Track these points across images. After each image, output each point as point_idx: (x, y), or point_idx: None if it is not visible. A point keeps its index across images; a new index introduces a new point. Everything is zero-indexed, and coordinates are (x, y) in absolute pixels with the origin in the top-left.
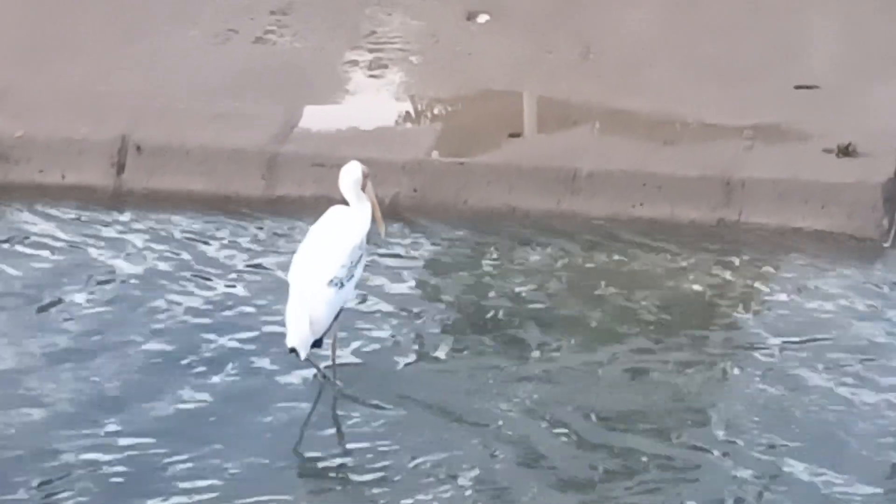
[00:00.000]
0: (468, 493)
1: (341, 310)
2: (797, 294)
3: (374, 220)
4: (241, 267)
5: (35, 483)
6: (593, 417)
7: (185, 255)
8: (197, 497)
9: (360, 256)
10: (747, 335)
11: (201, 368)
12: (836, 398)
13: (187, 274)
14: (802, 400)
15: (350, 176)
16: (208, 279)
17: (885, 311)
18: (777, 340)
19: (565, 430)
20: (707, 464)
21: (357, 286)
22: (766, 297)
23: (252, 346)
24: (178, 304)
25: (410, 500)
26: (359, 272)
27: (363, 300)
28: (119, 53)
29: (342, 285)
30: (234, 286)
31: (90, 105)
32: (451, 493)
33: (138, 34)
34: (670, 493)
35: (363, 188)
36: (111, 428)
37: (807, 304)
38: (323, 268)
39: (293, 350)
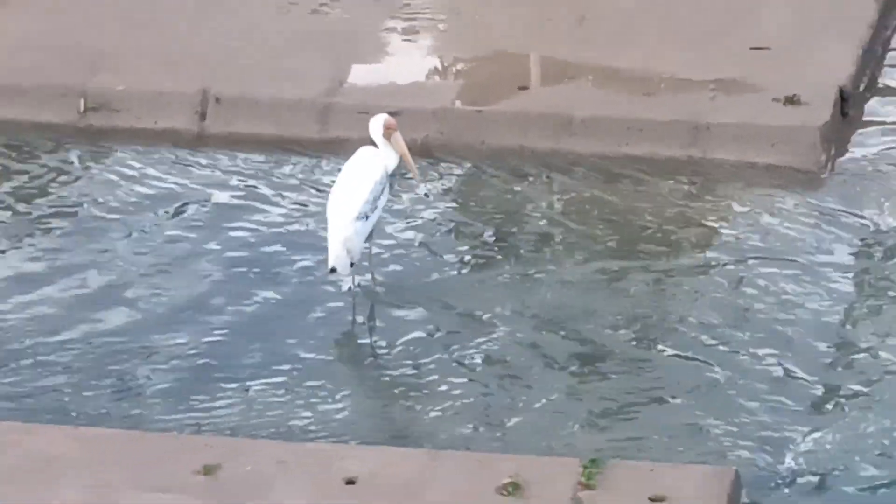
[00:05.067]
0: (480, 372)
1: (371, 234)
2: (753, 215)
3: (405, 165)
4: (299, 196)
5: (139, 370)
6: (586, 319)
7: (255, 186)
8: (266, 380)
9: (383, 189)
10: (713, 249)
11: (268, 278)
12: (786, 301)
13: (256, 203)
14: (758, 303)
15: (375, 124)
16: (273, 206)
17: (824, 227)
18: (737, 254)
19: (562, 327)
20: (683, 352)
21: (383, 212)
22: (728, 218)
23: (308, 262)
24: (249, 226)
25: (432, 379)
26: (382, 202)
27: (398, 221)
28: (201, 23)
29: (367, 217)
30: (294, 212)
31: (177, 64)
32: (467, 376)
33: (216, 6)
34: (648, 374)
35: (388, 139)
36: (197, 326)
37: (760, 222)
38: (351, 205)
39: (333, 270)
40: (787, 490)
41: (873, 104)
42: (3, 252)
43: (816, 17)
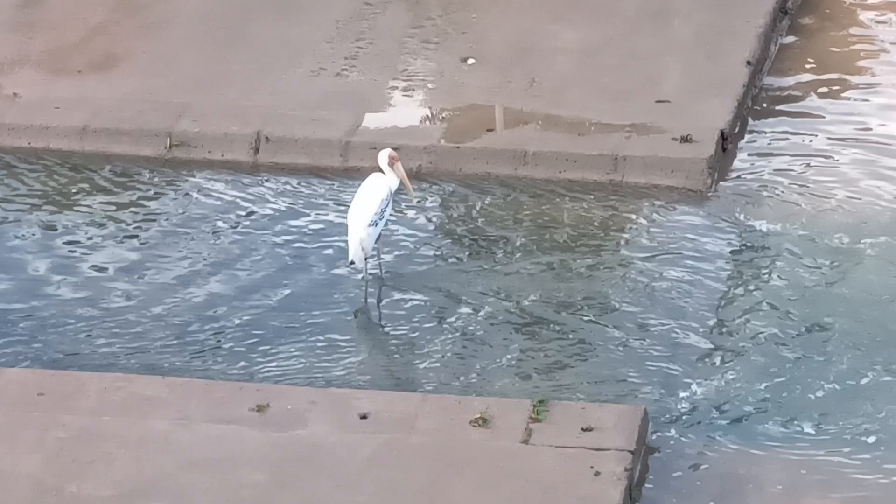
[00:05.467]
0: (459, 336)
1: (379, 236)
2: (657, 223)
3: (404, 186)
4: (326, 208)
5: (209, 336)
6: (536, 298)
7: (295, 202)
8: (302, 341)
9: (388, 204)
10: (628, 247)
11: (303, 268)
12: (682, 285)
13: (295, 213)
14: (662, 286)
15: (381, 156)
16: (307, 216)
17: (710, 232)
18: (646, 252)
19: (518, 304)
20: (605, 322)
21: (388, 221)
22: (639, 225)
23: (333, 256)
24: (290, 230)
25: (423, 341)
26: (387, 213)
27: (399, 227)
28: (255, 84)
29: (376, 224)
30: (323, 219)
31: (238, 114)
32: (449, 339)
33: (266, 71)
34: (579, 338)
35: (392, 167)
36: (251, 303)
37: (663, 228)
38: (364, 215)
39: (352, 262)
40: (682, 421)
41: (745, 142)
42: (111, 249)
43: (704, 79)
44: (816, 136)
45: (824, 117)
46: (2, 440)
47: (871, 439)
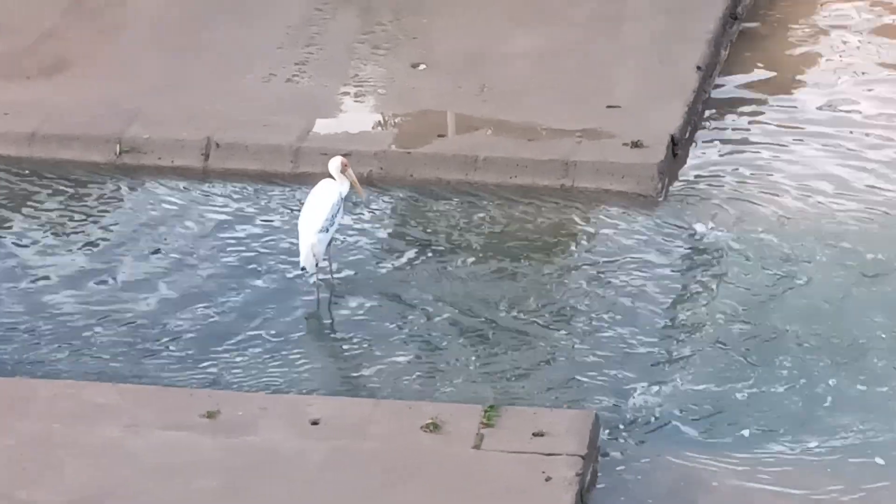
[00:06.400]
0: (409, 341)
1: (331, 242)
2: (608, 227)
3: (355, 190)
4: (277, 215)
5: (159, 342)
6: (488, 304)
7: (245, 208)
8: (253, 347)
9: (338, 210)
10: (578, 251)
11: (254, 273)
12: (633, 290)
13: (245, 219)
14: (612, 291)
15: (333, 164)
16: (258, 222)
17: (659, 236)
18: (596, 255)
19: (469, 308)
20: (555, 326)
21: (340, 226)
22: (590, 229)
23: (286, 262)
24: (240, 236)
25: (374, 346)
26: (338, 219)
27: (349, 234)
28: (207, 88)
29: (327, 230)
30: (273, 224)
31: (189, 119)
32: (399, 343)
33: (218, 76)
34: (530, 343)
35: (343, 173)
36: (202, 309)
37: (613, 232)
38: (314, 221)
39: (303, 268)
40: (633, 426)
41: (695, 147)
42: (60, 254)
43: (654, 84)
44: (766, 140)
45: (773, 122)
46: None
47: (820, 443)
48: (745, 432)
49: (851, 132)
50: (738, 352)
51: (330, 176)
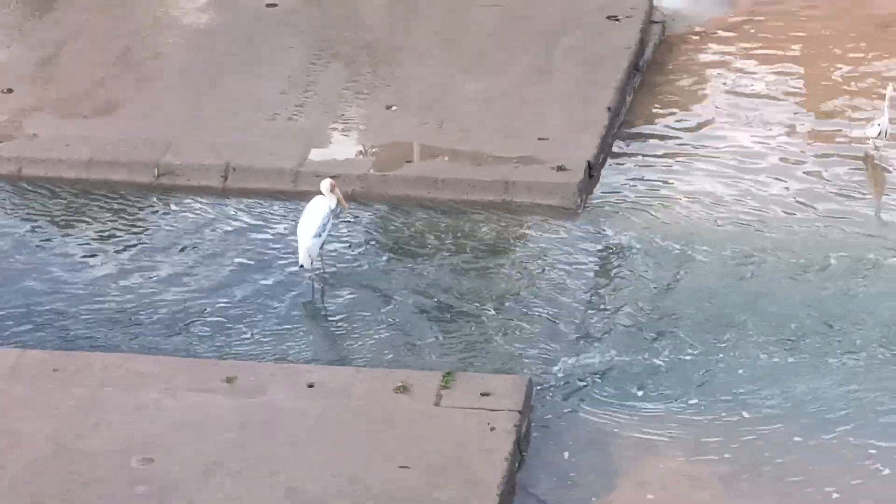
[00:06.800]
0: (385, 323)
1: (322, 245)
2: (539, 232)
3: (340, 205)
4: (282, 224)
5: (188, 324)
6: (446, 293)
7: (255, 218)
8: (262, 327)
9: (329, 219)
10: (516, 251)
11: (261, 269)
12: (559, 282)
13: (256, 227)
14: (543, 283)
15: (324, 184)
16: (266, 229)
17: (580, 242)
18: (530, 254)
19: (433, 297)
20: (499, 310)
21: (330, 232)
22: (525, 234)
23: (288, 261)
24: (253, 240)
25: (357, 326)
26: (329, 226)
27: (339, 239)
28: (225, 125)
29: (320, 235)
30: (278, 231)
31: (211, 148)
32: (378, 324)
33: (233, 115)
34: (479, 323)
35: (332, 192)
36: (221, 297)
37: (543, 236)
38: (309, 228)
39: (301, 265)
40: (559, 388)
41: (606, 170)
42: (110, 254)
43: (575, 122)
44: (661, 164)
45: (667, 150)
46: (25, 408)
47: (701, 401)
48: (644, 393)
49: (728, 157)
50: (641, 329)
51: (321, 193)
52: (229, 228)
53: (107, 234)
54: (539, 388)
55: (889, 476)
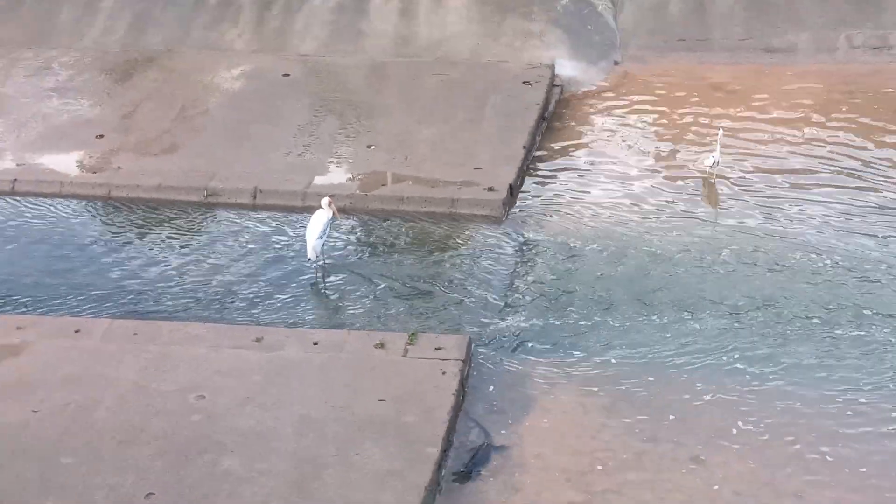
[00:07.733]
0: (370, 301)
1: (324, 244)
2: (476, 233)
3: (336, 216)
4: (295, 230)
5: (226, 301)
6: (409, 277)
7: (275, 227)
8: (279, 303)
9: (328, 226)
10: (461, 248)
11: (279, 262)
12: (488, 269)
13: (276, 232)
14: (476, 269)
15: (324, 201)
16: (284, 233)
17: (504, 240)
18: (467, 252)
19: (403, 282)
20: (448, 290)
21: (328, 235)
22: (465, 238)
23: (298, 256)
24: (274, 242)
25: (349, 303)
26: (327, 231)
27: (335, 240)
28: (253, 160)
29: (322, 237)
30: (291, 234)
31: (243, 176)
32: (364, 302)
33: (259, 154)
34: (434, 299)
35: (329, 206)
36: (250, 282)
37: (479, 236)
38: (314, 232)
39: (309, 259)
40: (490, 344)
41: (523, 190)
42: (172, 253)
43: (500, 156)
44: (566, 186)
45: (568, 174)
46: (114, 360)
47: (604, 351)
48: (549, 346)
49: (610, 178)
50: (552, 300)
51: (322, 207)
52: (256, 234)
53: (170, 238)
54: (476, 344)
55: (711, 400)
